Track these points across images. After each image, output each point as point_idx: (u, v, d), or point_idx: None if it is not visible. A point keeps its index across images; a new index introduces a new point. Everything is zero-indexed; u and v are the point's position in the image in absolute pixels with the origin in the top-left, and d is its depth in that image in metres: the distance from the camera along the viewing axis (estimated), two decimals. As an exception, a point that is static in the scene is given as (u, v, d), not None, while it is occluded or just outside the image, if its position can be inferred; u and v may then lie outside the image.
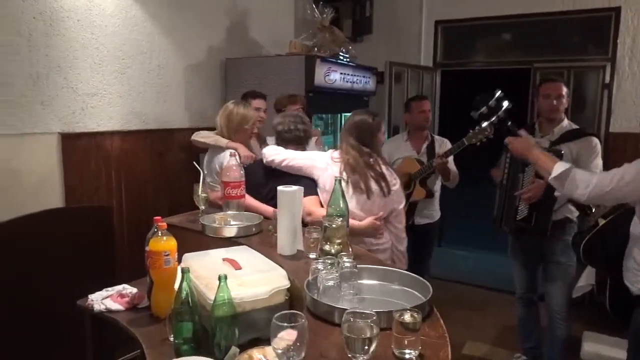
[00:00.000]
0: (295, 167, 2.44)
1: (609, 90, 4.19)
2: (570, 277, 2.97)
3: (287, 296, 1.53)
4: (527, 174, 2.74)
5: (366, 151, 2.35)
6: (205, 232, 2.12)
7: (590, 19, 4.30)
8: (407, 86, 4.66)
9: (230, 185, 2.19)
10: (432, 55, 4.95)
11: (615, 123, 4.18)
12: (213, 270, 1.57)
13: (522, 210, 2.78)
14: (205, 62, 3.88)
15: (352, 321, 1.03)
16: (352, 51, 4.30)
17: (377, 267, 1.62)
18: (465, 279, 4.86)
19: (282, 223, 1.84)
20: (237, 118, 2.77)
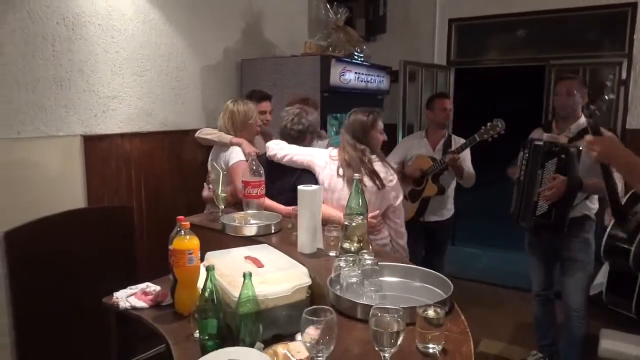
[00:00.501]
0: (298, 163, 2.51)
1: (626, 87, 4.15)
2: (588, 274, 2.96)
3: (308, 293, 1.55)
4: (547, 169, 2.72)
5: (360, 148, 2.42)
6: (225, 231, 2.15)
7: (606, 15, 4.26)
8: (421, 85, 4.66)
9: (251, 185, 2.22)
10: (445, 54, 4.95)
11: (632, 120, 4.14)
12: (236, 268, 1.60)
13: (541, 206, 2.76)
14: (221, 64, 3.92)
15: (379, 316, 1.05)
16: (366, 51, 4.31)
17: (398, 264, 1.64)
18: (479, 277, 4.85)
19: (302, 222, 1.86)
20: (240, 116, 2.81)
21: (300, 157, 2.52)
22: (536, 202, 2.77)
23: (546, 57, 4.44)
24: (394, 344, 1.03)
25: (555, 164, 2.68)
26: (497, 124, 3.25)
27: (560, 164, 2.67)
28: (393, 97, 4.68)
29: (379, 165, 2.43)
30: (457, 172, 3.46)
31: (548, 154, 2.71)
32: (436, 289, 1.47)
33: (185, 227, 1.66)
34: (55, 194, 2.81)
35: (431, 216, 3.64)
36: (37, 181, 2.72)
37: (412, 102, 4.64)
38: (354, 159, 2.39)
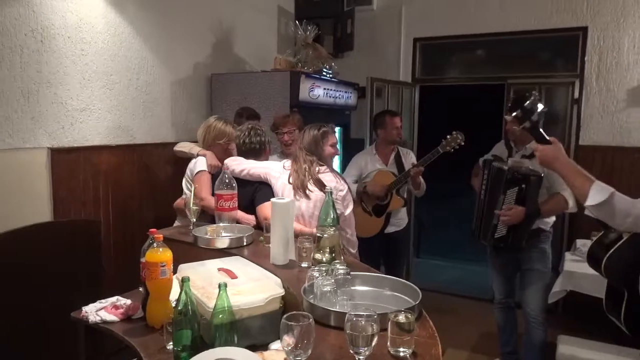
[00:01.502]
0: (255, 176, 2.63)
1: (578, 106, 4.37)
2: (546, 283, 3.08)
3: (281, 304, 1.58)
4: (508, 197, 2.81)
5: (309, 158, 2.55)
6: (197, 243, 2.15)
7: (560, 38, 4.49)
8: (388, 101, 4.77)
9: (224, 198, 2.23)
10: (411, 71, 5.09)
11: (585, 136, 4.36)
12: (210, 279, 1.61)
13: (500, 230, 2.86)
14: (191, 78, 3.92)
15: (354, 321, 1.10)
16: (334, 67, 4.39)
17: (369, 274, 1.69)
18: (444, 289, 4.95)
19: (275, 233, 1.89)
20: (214, 132, 2.92)
21: (257, 170, 2.64)
22: (495, 225, 2.87)
23: (505, 76, 4.63)
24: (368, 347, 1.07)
25: (516, 193, 2.77)
26: (457, 136, 3.39)
27: (521, 194, 2.77)
28: (360, 113, 4.77)
29: (328, 175, 2.55)
30: (415, 184, 3.57)
31: (511, 182, 2.79)
32: (405, 297, 1.52)
33: (158, 239, 1.66)
34: (20, 207, 2.74)
35: (390, 227, 3.72)
36: (2, 194, 2.65)
37: (378, 118, 4.73)
38: (301, 168, 2.52)
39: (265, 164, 2.73)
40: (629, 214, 1.72)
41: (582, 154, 4.32)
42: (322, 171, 2.55)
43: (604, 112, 4.29)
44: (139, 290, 1.81)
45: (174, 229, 2.48)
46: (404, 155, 3.75)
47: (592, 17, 4.29)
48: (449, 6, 4.82)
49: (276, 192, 2.57)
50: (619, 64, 4.22)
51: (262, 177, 2.63)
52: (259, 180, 2.63)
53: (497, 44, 4.80)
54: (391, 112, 3.86)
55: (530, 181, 2.76)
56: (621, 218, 1.74)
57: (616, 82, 4.24)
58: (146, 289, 1.69)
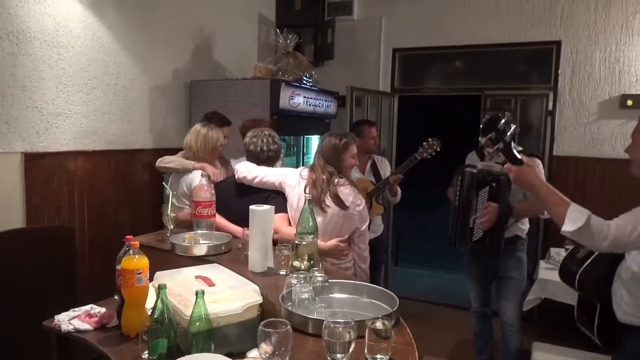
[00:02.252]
0: (268, 184, 2.51)
1: (552, 117, 4.48)
2: (521, 291, 3.14)
3: (259, 311, 1.57)
4: (481, 197, 2.89)
5: (329, 169, 2.44)
6: (174, 251, 2.14)
7: (535, 51, 4.61)
8: (367, 110, 4.81)
9: (202, 205, 2.22)
10: (390, 81, 5.15)
11: (558, 147, 4.47)
12: (187, 287, 1.60)
13: (477, 232, 2.92)
14: (170, 84, 3.90)
15: (332, 327, 1.10)
16: (314, 76, 4.41)
17: (347, 281, 1.70)
18: (422, 297, 4.99)
19: (253, 241, 1.89)
20: (213, 141, 2.90)
21: (271, 177, 2.52)
22: (472, 228, 2.92)
23: (481, 88, 4.72)
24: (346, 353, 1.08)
25: (488, 192, 2.86)
26: (434, 143, 3.45)
27: (492, 192, 2.85)
28: (340, 121, 4.80)
29: (347, 189, 2.45)
30: (392, 191, 3.62)
31: (481, 183, 2.88)
32: (382, 304, 1.53)
33: (134, 246, 1.64)
34: (-9, 213, 2.68)
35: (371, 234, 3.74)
36: (-28, 200, 2.59)
37: (358, 127, 4.76)
38: (319, 179, 2.42)
39: (281, 171, 2.59)
40: (606, 237, 1.74)
41: (556, 164, 4.43)
42: (342, 184, 2.45)
43: (576, 123, 4.41)
44: (114, 298, 1.78)
45: (150, 235, 2.45)
46: (379, 163, 3.81)
47: (565, 32, 4.42)
48: (428, 18, 4.90)
49: (291, 202, 2.46)
50: (591, 77, 4.35)
51: (275, 185, 2.51)
52: (271, 189, 2.51)
53: (475, 56, 4.90)
54: (369, 122, 3.90)
55: (500, 180, 2.83)
56: (599, 241, 1.76)
57: (588, 95, 4.37)
58: (121, 297, 1.67)
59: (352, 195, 2.44)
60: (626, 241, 1.74)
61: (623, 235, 1.73)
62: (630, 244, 1.76)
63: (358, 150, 3.80)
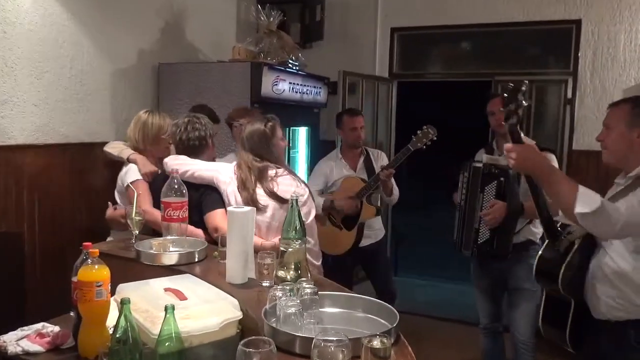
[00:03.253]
0: (200, 179, 2.55)
1: (571, 106, 4.52)
2: (535, 303, 3.15)
3: (239, 329, 1.56)
4: (487, 193, 2.91)
5: (258, 165, 2.48)
6: (140, 259, 2.12)
7: (552, 31, 4.64)
8: (362, 98, 4.82)
9: (172, 207, 2.20)
10: (388, 65, 5.16)
11: (578, 140, 4.51)
12: (154, 301, 1.59)
13: (483, 233, 2.94)
14: (135, 67, 3.87)
15: (322, 346, 1.09)
16: (301, 59, 4.41)
17: (339, 293, 1.69)
18: (423, 311, 5.01)
19: (231, 248, 1.88)
20: (154, 129, 2.88)
21: (203, 172, 2.57)
22: (477, 228, 2.94)
23: (491, 73, 4.75)
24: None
25: (495, 188, 2.88)
26: (429, 131, 3.42)
27: (500, 188, 2.87)
28: (331, 111, 4.80)
29: (287, 179, 2.51)
30: (387, 189, 3.60)
31: (487, 177, 2.91)
32: (381, 319, 1.53)
33: (93, 254, 1.63)
34: None
35: (365, 240, 3.75)
36: None
37: (351, 117, 4.76)
38: (248, 179, 2.46)
39: (214, 165, 2.64)
40: (618, 220, 1.82)
41: (575, 159, 4.47)
42: (280, 174, 2.50)
43: (598, 113, 4.44)
44: (70, 315, 1.76)
45: (113, 242, 2.43)
46: (374, 158, 3.78)
47: (586, 9, 4.45)
48: (431, -7, 4.92)
49: (227, 199, 2.50)
50: (615, 60, 4.39)
51: (207, 180, 2.55)
52: (205, 184, 2.55)
53: (484, 36, 4.92)
54: (351, 112, 3.89)
55: (509, 174, 2.85)
56: (613, 225, 1.82)
57: (612, 81, 4.41)
58: (78, 314, 1.66)
59: (293, 185, 2.50)
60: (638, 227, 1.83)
61: (637, 215, 1.81)
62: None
63: (344, 144, 3.83)
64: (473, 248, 3.00)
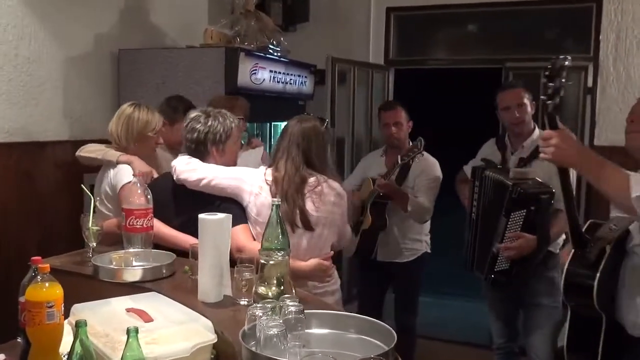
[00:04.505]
0: (218, 189, 2.46)
1: (592, 96, 4.57)
2: (555, 321, 3.17)
3: (213, 354, 1.57)
4: (513, 221, 2.84)
5: (304, 173, 2.42)
6: (99, 276, 2.12)
7: (569, 11, 4.69)
8: (354, 88, 4.83)
9: (135, 214, 2.20)
10: (383, 51, 5.17)
11: (600, 135, 4.55)
12: (115, 324, 1.59)
13: (501, 262, 2.92)
14: (91, 55, 3.87)
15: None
16: (284, 43, 4.42)
17: (328, 312, 1.70)
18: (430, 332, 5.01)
19: (204, 261, 1.88)
20: (140, 124, 2.86)
21: (223, 180, 2.45)
22: (496, 254, 2.92)
23: (502, 59, 4.78)
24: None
25: (524, 217, 2.82)
26: (417, 144, 3.46)
27: (529, 217, 2.81)
28: (318, 103, 4.81)
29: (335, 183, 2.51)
30: (397, 203, 3.56)
31: (516, 203, 2.81)
32: (376, 340, 1.54)
33: (43, 270, 1.62)
34: None
35: (385, 255, 3.73)
36: None
37: (342, 110, 4.78)
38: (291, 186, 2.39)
39: (237, 172, 2.52)
40: None
41: (597, 157, 4.50)
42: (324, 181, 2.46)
43: (623, 104, 4.48)
44: (17, 341, 1.76)
45: (66, 256, 2.42)
46: (417, 164, 3.64)
47: (607, -14, 4.50)
48: (432, -33, 4.96)
49: (256, 213, 2.41)
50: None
51: (228, 192, 2.45)
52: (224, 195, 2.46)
53: (493, 17, 4.96)
54: (384, 105, 3.93)
55: (541, 201, 2.80)
56: None
57: (637, 68, 4.46)
58: (27, 339, 1.64)
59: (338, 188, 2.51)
60: None
61: None
62: None
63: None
64: (488, 275, 2.98)
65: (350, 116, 4.87)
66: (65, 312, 1.65)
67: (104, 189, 2.83)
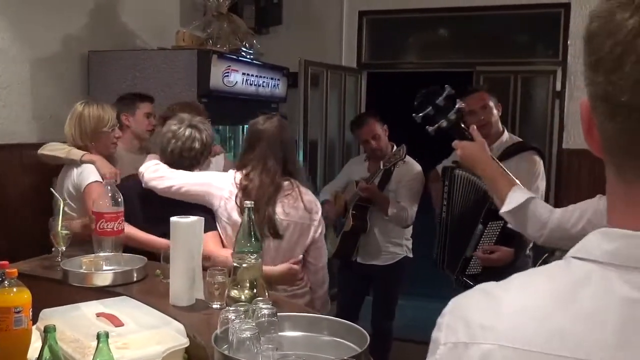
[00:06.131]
0: (187, 196, 2.44)
1: (561, 100, 4.65)
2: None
3: (185, 358, 1.57)
4: (490, 230, 2.84)
5: (279, 181, 2.40)
6: (68, 280, 2.11)
7: (539, 16, 4.78)
8: (327, 91, 4.85)
9: (105, 218, 2.18)
10: (356, 54, 5.20)
11: (569, 138, 4.64)
12: (85, 329, 1.59)
13: (474, 266, 2.93)
14: (60, 56, 3.83)
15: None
16: (257, 46, 4.43)
17: (302, 314, 1.72)
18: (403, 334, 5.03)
19: (176, 265, 1.88)
20: (92, 122, 2.85)
21: (192, 187, 2.43)
22: (468, 259, 2.93)
23: (472, 63, 4.85)
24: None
25: (501, 228, 2.80)
26: (399, 150, 3.51)
27: (507, 229, 2.81)
28: (291, 106, 4.82)
29: (309, 194, 2.51)
30: (379, 207, 3.59)
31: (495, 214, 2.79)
32: (349, 342, 1.55)
33: (10, 275, 1.60)
34: None
35: (366, 257, 3.75)
36: None
37: (315, 113, 4.80)
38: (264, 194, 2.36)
39: (204, 177, 2.51)
40: (545, 225, 1.90)
41: (566, 160, 4.59)
42: (304, 192, 2.45)
43: (591, 108, 4.58)
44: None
45: (34, 261, 2.39)
46: (399, 170, 3.64)
47: (575, -8, 4.59)
48: (404, -28, 5.00)
49: (226, 217, 2.39)
50: (608, 49, 4.52)
51: (198, 199, 2.43)
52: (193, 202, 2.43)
53: (464, 22, 5.02)
54: (358, 121, 3.85)
55: None
56: (534, 228, 1.94)
57: (605, 72, 4.54)
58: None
59: (313, 200, 2.51)
60: (568, 233, 1.86)
61: (567, 224, 1.86)
62: (573, 237, 1.80)
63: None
64: (459, 276, 2.99)
65: (323, 119, 4.89)
66: (34, 318, 1.64)
67: (66, 188, 2.82)
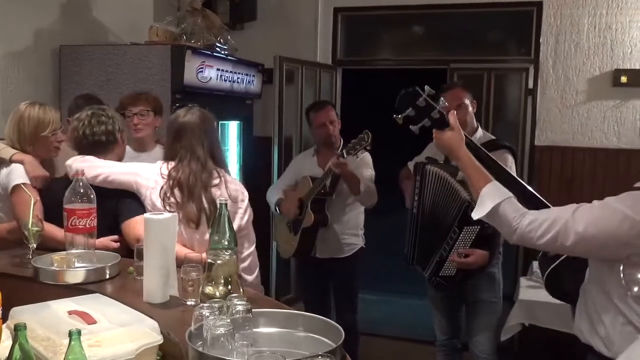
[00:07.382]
0: (116, 184, 2.49)
1: (533, 97, 4.71)
2: (496, 316, 3.26)
3: (159, 356, 1.57)
4: (465, 234, 2.83)
5: (211, 168, 2.47)
6: (39, 278, 2.09)
7: (511, 15, 4.83)
8: (302, 88, 4.85)
9: (77, 214, 2.15)
10: (331, 50, 5.21)
11: (541, 135, 4.70)
12: (56, 327, 1.57)
13: (447, 267, 2.94)
14: (30, 51, 3.80)
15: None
16: (231, 42, 4.42)
17: (276, 310, 1.71)
18: (376, 330, 5.07)
19: (150, 262, 1.87)
20: (31, 124, 2.76)
21: (120, 175, 2.50)
22: (441, 261, 2.93)
23: (446, 60, 4.89)
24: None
25: (477, 232, 2.81)
26: (364, 137, 3.44)
27: (483, 232, 2.83)
28: (266, 103, 4.81)
29: (235, 183, 2.57)
30: (350, 185, 3.57)
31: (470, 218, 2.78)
32: (324, 338, 1.55)
33: (-21, 273, 1.57)
34: None
35: (325, 252, 3.76)
36: None
37: (290, 109, 4.80)
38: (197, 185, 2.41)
39: (132, 167, 2.60)
40: (514, 231, 1.87)
41: (538, 156, 4.66)
42: (223, 175, 2.51)
43: (562, 105, 4.65)
44: (-48, 348, 1.69)
45: (4, 258, 2.36)
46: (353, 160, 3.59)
47: (547, -10, 4.65)
48: (379, -31, 5.01)
49: (149, 209, 2.44)
50: (579, 47, 4.61)
51: (125, 186, 2.50)
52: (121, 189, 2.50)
53: (439, 19, 5.07)
54: (315, 106, 3.91)
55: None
56: (506, 232, 1.93)
57: (575, 70, 4.63)
58: (-38, 345, 1.59)
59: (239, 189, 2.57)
60: (534, 244, 1.86)
61: (533, 237, 1.84)
62: (538, 247, 1.90)
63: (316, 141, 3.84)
64: (432, 277, 3.00)
65: (298, 116, 4.88)
66: (4, 316, 1.61)
67: None
